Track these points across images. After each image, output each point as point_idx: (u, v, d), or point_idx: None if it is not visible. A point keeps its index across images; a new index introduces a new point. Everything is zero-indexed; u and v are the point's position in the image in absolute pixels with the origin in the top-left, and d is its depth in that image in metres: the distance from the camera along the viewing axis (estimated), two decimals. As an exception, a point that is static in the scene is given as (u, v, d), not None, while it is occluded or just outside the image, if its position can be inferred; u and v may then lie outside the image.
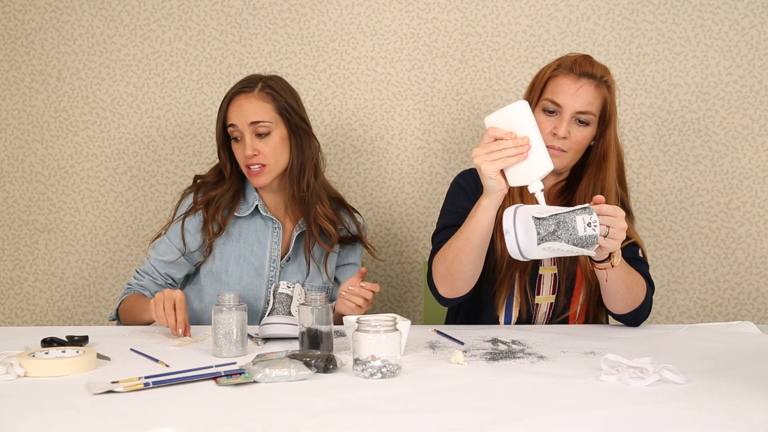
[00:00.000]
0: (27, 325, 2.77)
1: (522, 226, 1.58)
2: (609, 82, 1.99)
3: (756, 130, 2.62)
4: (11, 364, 1.53)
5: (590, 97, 1.95)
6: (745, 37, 2.60)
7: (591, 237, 1.59)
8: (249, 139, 2.10)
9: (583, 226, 1.58)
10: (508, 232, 1.60)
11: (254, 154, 2.09)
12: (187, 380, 1.47)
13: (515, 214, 1.59)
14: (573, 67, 1.97)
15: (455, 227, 1.93)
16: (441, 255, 1.92)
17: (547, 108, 1.97)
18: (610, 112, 1.98)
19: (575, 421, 1.28)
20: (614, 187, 2.00)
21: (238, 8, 2.69)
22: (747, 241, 2.64)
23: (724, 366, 1.58)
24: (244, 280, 2.14)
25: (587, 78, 1.96)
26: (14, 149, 2.76)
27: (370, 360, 1.50)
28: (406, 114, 2.69)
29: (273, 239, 2.17)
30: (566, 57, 2.02)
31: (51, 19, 2.72)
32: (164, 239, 2.17)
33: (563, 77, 1.97)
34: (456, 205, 2.07)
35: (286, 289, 1.88)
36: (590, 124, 1.97)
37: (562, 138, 1.94)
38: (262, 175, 2.11)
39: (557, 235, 1.56)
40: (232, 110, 2.13)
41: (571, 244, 1.57)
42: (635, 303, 1.92)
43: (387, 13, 2.67)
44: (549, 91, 1.98)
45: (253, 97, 2.12)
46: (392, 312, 2.67)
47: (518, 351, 1.71)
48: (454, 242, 1.89)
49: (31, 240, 2.77)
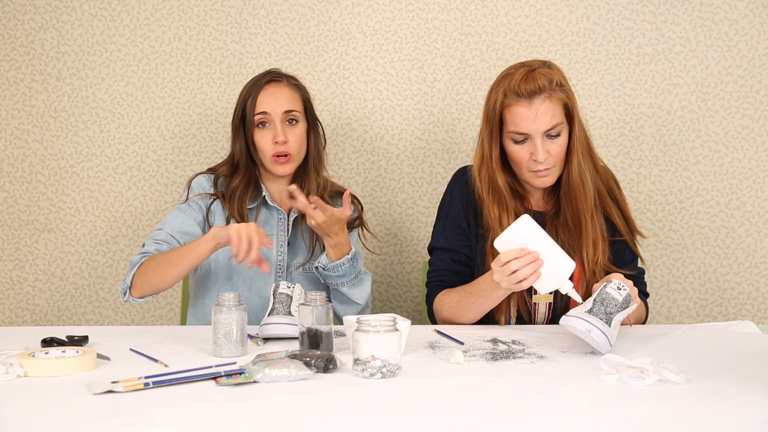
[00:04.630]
0: (27, 325, 2.77)
1: (592, 327, 1.65)
2: (559, 80, 1.94)
3: (756, 130, 2.62)
4: (11, 364, 1.53)
5: (551, 111, 1.93)
6: (745, 37, 2.60)
7: (627, 296, 1.72)
8: (280, 126, 2.13)
9: (616, 292, 1.71)
10: (586, 336, 1.67)
11: (285, 141, 2.12)
12: (187, 380, 1.47)
13: (576, 325, 1.66)
14: (519, 90, 1.92)
15: (449, 251, 2.07)
16: (446, 307, 2.03)
17: (515, 139, 1.96)
18: (572, 106, 1.96)
19: (575, 421, 1.28)
20: (588, 173, 2.00)
21: (238, 8, 2.69)
22: (747, 241, 2.64)
23: (724, 366, 1.58)
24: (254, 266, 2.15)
25: (538, 95, 1.92)
26: (14, 149, 2.76)
27: (370, 360, 1.50)
28: (406, 114, 2.69)
29: (279, 227, 2.20)
30: (509, 77, 1.96)
31: (51, 19, 2.72)
32: (178, 213, 2.14)
33: (516, 106, 1.93)
34: (450, 222, 2.10)
35: (286, 289, 1.88)
36: (561, 131, 1.96)
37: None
38: (288, 163, 2.15)
39: (609, 311, 1.68)
40: (264, 97, 2.15)
41: (622, 309, 1.70)
42: (638, 322, 2.03)
43: (387, 13, 2.67)
44: (509, 123, 1.95)
45: (285, 86, 2.19)
46: (392, 312, 2.67)
47: (518, 351, 1.71)
48: (461, 304, 1.99)
49: (31, 240, 2.77)
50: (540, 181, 1.99)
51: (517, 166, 2.00)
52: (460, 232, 2.08)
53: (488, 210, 2.02)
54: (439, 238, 2.11)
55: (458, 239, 2.08)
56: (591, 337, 1.64)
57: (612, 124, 2.64)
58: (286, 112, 2.15)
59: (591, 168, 2.02)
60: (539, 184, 2.00)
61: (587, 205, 1.99)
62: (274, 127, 2.14)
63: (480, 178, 2.03)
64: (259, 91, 2.16)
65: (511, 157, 2.00)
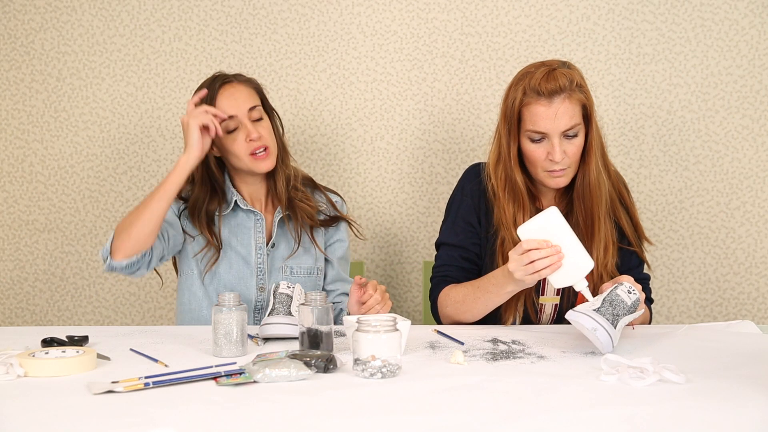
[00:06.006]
0: (27, 325, 2.77)
1: (599, 326, 1.65)
2: (578, 81, 1.94)
3: (756, 130, 2.62)
4: (11, 364, 1.53)
5: (570, 112, 1.92)
6: (745, 37, 2.60)
7: (636, 301, 1.72)
8: (250, 125, 2.09)
9: (626, 295, 1.71)
10: (590, 334, 1.67)
11: (260, 136, 2.09)
12: (187, 380, 1.47)
13: (583, 321, 1.67)
14: (540, 89, 1.91)
15: (458, 248, 2.06)
16: (450, 301, 2.01)
17: (532, 138, 1.95)
18: (590, 107, 1.96)
19: (575, 421, 1.29)
20: (604, 176, 2.00)
21: (238, 8, 2.69)
22: (747, 241, 2.64)
23: (724, 366, 1.58)
24: (234, 269, 2.14)
25: (558, 94, 1.91)
26: (14, 149, 2.76)
27: (370, 360, 1.50)
28: (406, 114, 2.69)
29: (257, 229, 2.16)
30: (529, 76, 1.95)
31: (51, 19, 2.72)
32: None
33: (535, 105, 1.92)
34: (459, 219, 2.09)
35: (286, 289, 1.88)
36: (579, 132, 1.96)
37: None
38: (269, 157, 2.11)
39: (616, 313, 1.68)
40: (225, 101, 2.09)
41: (629, 313, 1.70)
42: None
43: (387, 13, 2.67)
44: (527, 122, 1.94)
45: (239, 84, 2.14)
46: (392, 312, 2.66)
47: (518, 351, 1.71)
48: (467, 299, 1.97)
49: (31, 240, 2.78)
50: (554, 182, 1.98)
51: (532, 165, 1.99)
52: (470, 229, 2.07)
53: (502, 208, 2.00)
54: (448, 234, 2.09)
55: (468, 236, 2.06)
56: (596, 336, 1.64)
57: (612, 124, 2.64)
58: (251, 110, 2.10)
59: (605, 171, 2.01)
60: (553, 185, 1.99)
61: (601, 208, 1.98)
62: (244, 127, 2.09)
63: (496, 175, 2.01)
64: (216, 96, 2.10)
65: (527, 156, 1.99)
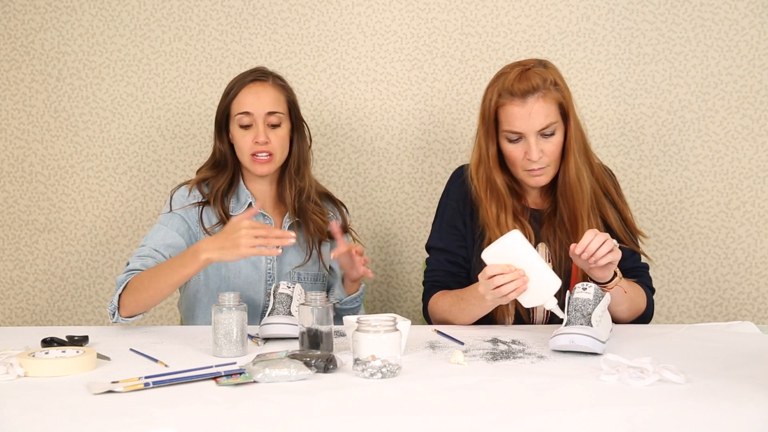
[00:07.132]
0: (27, 325, 2.77)
1: (574, 335, 1.66)
2: (553, 79, 1.95)
3: (756, 130, 2.62)
4: (11, 364, 1.53)
5: (545, 111, 1.93)
6: (745, 37, 2.60)
7: (597, 292, 1.72)
8: (262, 127, 2.10)
9: (583, 293, 1.71)
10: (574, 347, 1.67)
11: (266, 142, 2.09)
12: (187, 380, 1.47)
13: (560, 342, 1.67)
14: (513, 90, 1.93)
15: (445, 252, 2.08)
16: (438, 309, 2.05)
17: (509, 138, 1.97)
18: (567, 105, 1.96)
19: (575, 421, 1.29)
20: (584, 172, 2.00)
21: (238, 8, 2.69)
22: (747, 241, 2.64)
23: (724, 366, 1.58)
24: (243, 274, 2.14)
25: (532, 94, 1.92)
26: (14, 149, 2.76)
27: (370, 360, 1.50)
28: (406, 114, 2.69)
29: None
30: (504, 76, 1.97)
31: (51, 19, 2.72)
32: (160, 227, 2.09)
33: (510, 105, 1.94)
34: (445, 223, 2.11)
35: (286, 289, 1.88)
36: (556, 130, 1.96)
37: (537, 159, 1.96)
38: (269, 163, 2.11)
39: (585, 313, 1.68)
40: (247, 97, 2.11)
41: (598, 306, 1.70)
42: (637, 312, 2.01)
43: (387, 13, 2.67)
44: (504, 122, 1.96)
45: (269, 86, 2.14)
46: (392, 312, 2.67)
47: (518, 351, 1.71)
48: (452, 309, 2.00)
49: (31, 240, 2.78)
50: (534, 180, 1.99)
51: (512, 165, 2.01)
52: (455, 232, 2.09)
53: (486, 209, 2.02)
54: (435, 239, 2.12)
55: (453, 240, 2.09)
56: (577, 345, 1.65)
57: (612, 124, 2.64)
58: (269, 114, 2.11)
59: (587, 168, 2.02)
60: (534, 184, 2.01)
61: (584, 204, 2.00)
62: (256, 127, 2.10)
63: (477, 177, 2.04)
64: (242, 90, 2.12)
65: (506, 156, 2.01)
